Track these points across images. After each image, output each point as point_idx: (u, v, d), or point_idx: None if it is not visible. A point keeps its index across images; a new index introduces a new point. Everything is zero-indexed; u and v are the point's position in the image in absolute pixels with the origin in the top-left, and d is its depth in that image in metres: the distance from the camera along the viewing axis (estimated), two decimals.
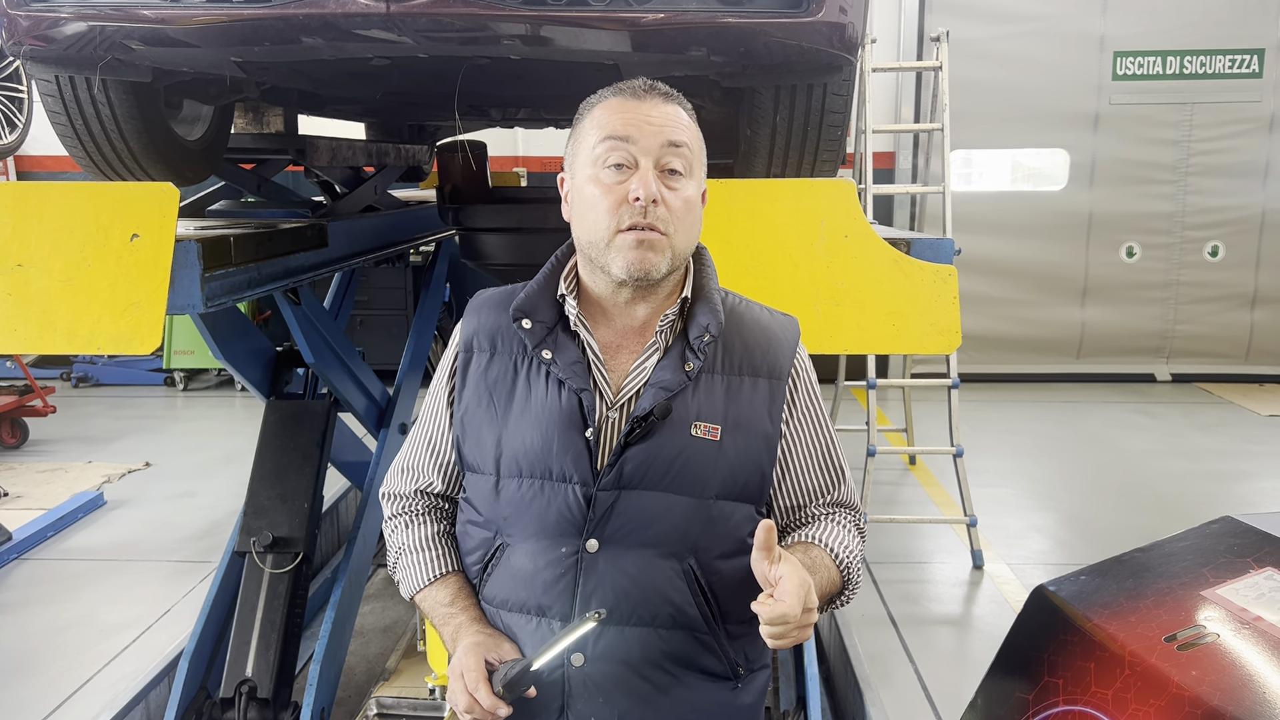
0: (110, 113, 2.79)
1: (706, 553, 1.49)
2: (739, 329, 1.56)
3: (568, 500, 1.47)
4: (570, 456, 1.47)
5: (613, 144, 1.44)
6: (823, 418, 1.62)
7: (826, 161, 2.79)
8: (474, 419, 1.56)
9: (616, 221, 1.43)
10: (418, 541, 1.64)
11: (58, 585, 4.62)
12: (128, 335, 2.22)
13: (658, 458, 1.47)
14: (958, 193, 7.76)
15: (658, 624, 1.48)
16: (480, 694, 1.41)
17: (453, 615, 1.56)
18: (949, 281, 2.22)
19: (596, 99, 1.51)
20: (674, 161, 1.45)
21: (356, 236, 3.77)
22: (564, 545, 1.48)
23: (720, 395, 1.51)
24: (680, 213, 1.46)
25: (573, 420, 1.48)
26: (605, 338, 1.54)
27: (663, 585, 1.47)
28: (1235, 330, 8.95)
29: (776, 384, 1.55)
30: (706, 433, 1.48)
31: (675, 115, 1.48)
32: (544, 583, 1.48)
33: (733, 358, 1.53)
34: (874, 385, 5.16)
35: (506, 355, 1.55)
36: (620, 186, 1.43)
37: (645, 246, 1.43)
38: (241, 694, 3.06)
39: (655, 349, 1.52)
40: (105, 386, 9.00)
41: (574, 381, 1.49)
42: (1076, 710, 1.58)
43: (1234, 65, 8.49)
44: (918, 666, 3.82)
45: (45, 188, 2.30)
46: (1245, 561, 1.67)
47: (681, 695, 1.51)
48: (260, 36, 2.25)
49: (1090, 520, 5.49)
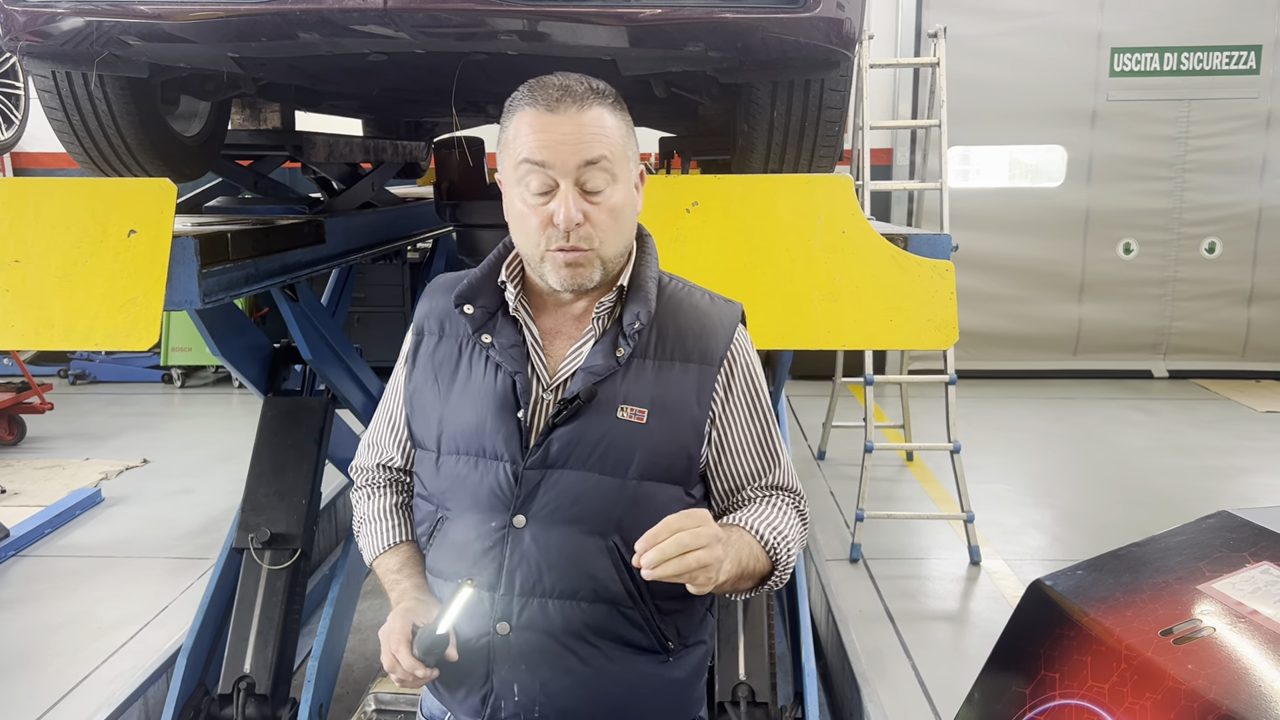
0: (107, 108, 2.79)
1: (631, 531, 1.50)
2: (675, 315, 1.59)
3: (498, 477, 1.54)
4: (502, 436, 1.54)
5: (530, 167, 1.45)
6: (760, 403, 1.65)
7: (824, 157, 2.79)
8: (421, 398, 1.63)
9: (545, 241, 1.47)
10: (376, 512, 1.73)
11: (56, 582, 4.61)
12: (125, 331, 2.22)
13: (583, 439, 1.52)
14: (955, 189, 7.76)
15: (580, 597, 1.53)
16: (401, 655, 1.48)
17: (397, 582, 1.64)
18: (946, 277, 2.23)
19: (516, 103, 1.49)
20: (594, 179, 1.45)
21: (354, 233, 3.77)
22: (494, 520, 1.54)
23: (650, 380, 1.55)
24: (606, 224, 1.48)
25: (506, 402, 1.54)
26: (545, 324, 1.60)
27: (585, 561, 1.52)
28: (1232, 326, 8.95)
29: (707, 369, 1.58)
30: (632, 415, 1.53)
31: (592, 124, 1.45)
32: (474, 554, 1.55)
33: (665, 343, 1.57)
34: (871, 381, 5.16)
35: (453, 338, 1.62)
36: (544, 208, 1.46)
37: (574, 265, 1.48)
38: (240, 690, 3.06)
39: (591, 335, 1.57)
40: (103, 384, 8.99)
41: (509, 365, 1.55)
42: (1073, 704, 1.58)
43: (1231, 61, 8.50)
44: (915, 662, 3.83)
45: (42, 183, 2.30)
46: (1241, 556, 1.68)
47: (604, 667, 1.56)
48: (257, 32, 2.25)
49: (1087, 516, 5.50)
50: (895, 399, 7.35)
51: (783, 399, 3.78)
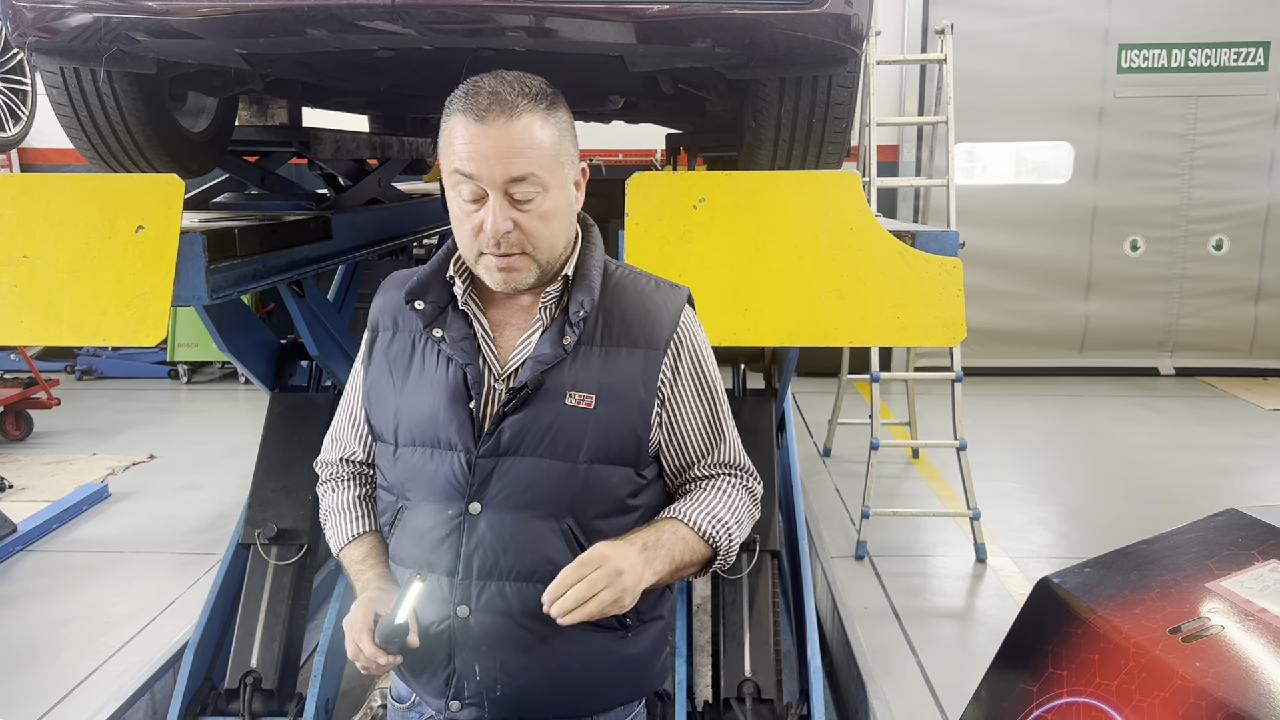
0: (115, 104, 2.79)
1: (584, 513, 1.59)
2: (620, 302, 1.63)
3: (453, 466, 1.58)
4: (455, 426, 1.58)
5: (460, 178, 1.48)
6: (708, 385, 1.69)
7: (831, 154, 2.79)
8: (378, 392, 1.68)
9: (478, 246, 1.51)
10: (340, 504, 1.78)
11: (63, 577, 4.62)
12: (133, 327, 2.22)
13: (533, 426, 1.56)
14: (961, 186, 7.74)
15: (536, 579, 1.55)
16: (363, 643, 1.52)
17: (361, 572, 1.68)
18: (954, 273, 2.22)
19: (452, 107, 1.50)
20: (522, 191, 1.47)
21: (360, 229, 3.78)
22: (450, 508, 1.59)
23: (596, 366, 1.59)
24: (538, 229, 1.51)
25: (458, 393, 1.59)
26: (494, 316, 1.65)
27: (540, 544, 1.57)
28: (1239, 324, 8.93)
29: (653, 354, 1.62)
30: (580, 401, 1.57)
31: (519, 137, 1.45)
32: (432, 542, 1.60)
33: (611, 330, 1.61)
34: (877, 379, 5.16)
35: (406, 332, 1.67)
36: (475, 216, 1.49)
37: (507, 269, 1.53)
38: (246, 685, 3.07)
39: (538, 325, 1.61)
40: (109, 379, 9.01)
41: (460, 357, 1.59)
42: (1081, 702, 1.58)
43: (1239, 58, 8.46)
44: (921, 659, 3.82)
45: (51, 179, 2.31)
46: (1250, 554, 1.67)
47: (563, 645, 1.60)
48: (265, 28, 2.25)
49: (1093, 514, 5.49)
50: (901, 396, 7.35)
51: (788, 396, 3.77)
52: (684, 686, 3.01)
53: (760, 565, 3.11)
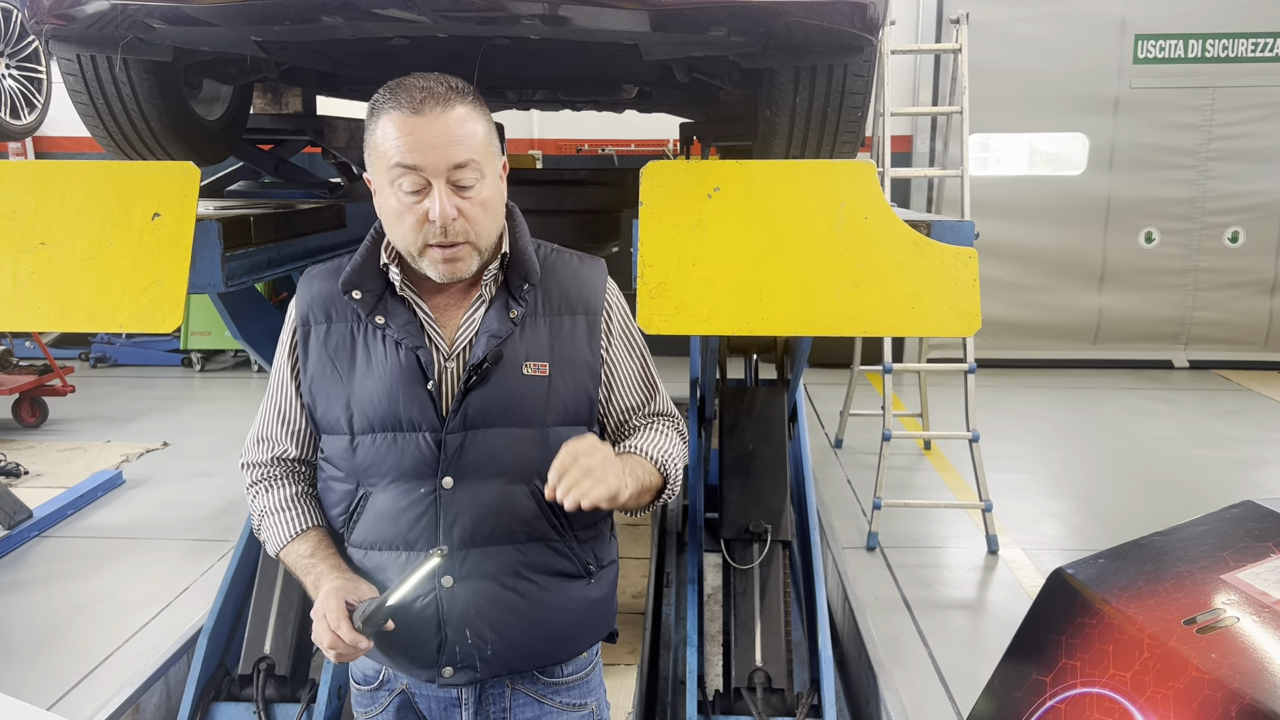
0: (131, 92, 2.80)
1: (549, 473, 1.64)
2: (554, 275, 1.74)
3: (420, 446, 1.64)
4: (416, 408, 1.63)
5: (402, 170, 1.53)
6: (636, 342, 1.82)
7: (846, 143, 2.78)
8: (321, 386, 1.70)
9: (422, 238, 1.57)
10: (278, 503, 1.78)
11: (78, 562, 4.66)
12: (149, 314, 2.23)
13: (496, 398, 1.64)
14: (975, 177, 7.71)
15: (514, 540, 1.67)
16: (342, 630, 1.55)
17: (313, 565, 1.70)
18: (969, 264, 2.21)
19: (382, 106, 1.56)
20: (464, 177, 1.55)
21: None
22: (422, 486, 1.65)
23: (544, 336, 1.69)
24: (479, 216, 1.59)
25: (413, 375, 1.64)
26: (432, 299, 1.70)
27: (514, 507, 1.66)
28: (1254, 317, 8.87)
29: (593, 319, 1.74)
30: (536, 370, 1.67)
31: (457, 126, 1.54)
32: (408, 520, 1.65)
33: (551, 301, 1.72)
34: (890, 370, 5.14)
35: (342, 323, 1.70)
36: (418, 207, 1.55)
37: (452, 260, 1.60)
38: (260, 671, 3.09)
39: (481, 302, 1.68)
40: (123, 367, 9.06)
41: (409, 340, 1.65)
42: (1094, 693, 1.58)
43: (1257, 49, 8.39)
44: (932, 650, 3.83)
45: (67, 166, 2.31)
46: (1266, 546, 1.67)
47: (542, 598, 1.71)
48: (281, 15, 2.26)
49: (1106, 506, 5.47)
50: (913, 387, 7.34)
51: (800, 387, 3.77)
52: (695, 675, 3.02)
53: (771, 555, 3.12)
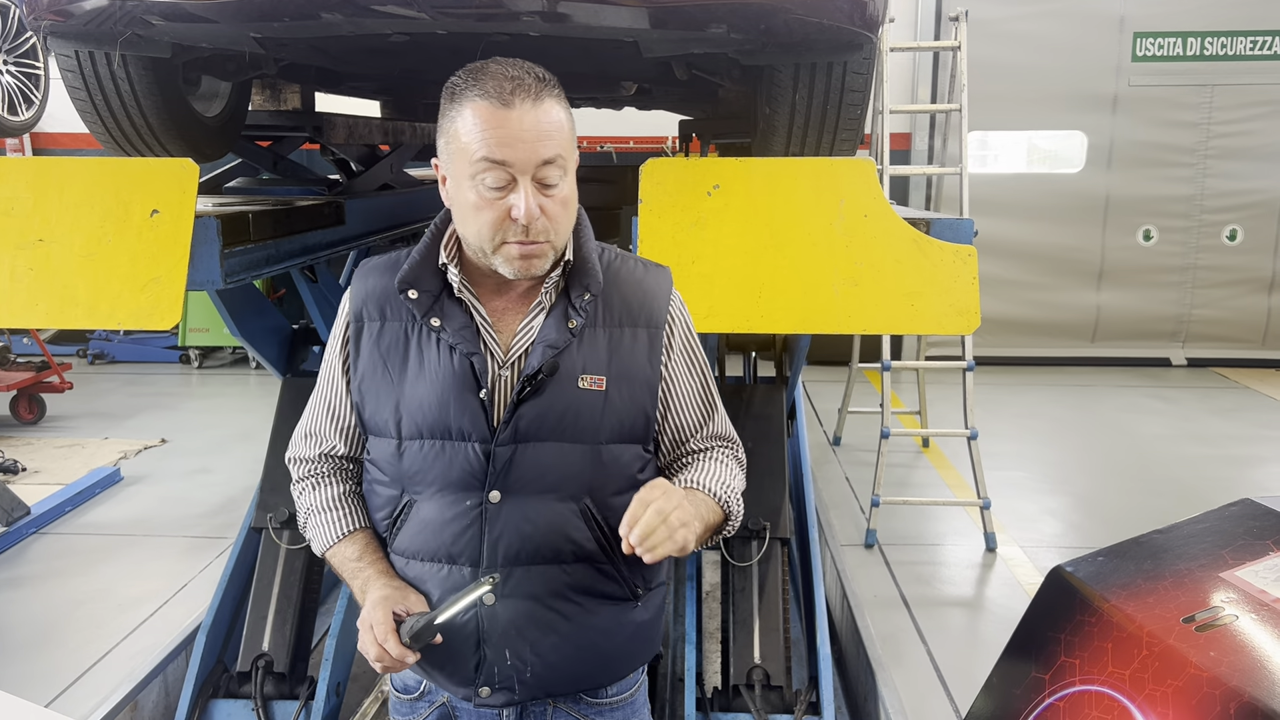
0: (130, 88, 2.80)
1: (600, 492, 1.61)
2: (616, 284, 1.65)
3: (468, 457, 1.57)
4: (467, 417, 1.57)
5: (488, 165, 1.45)
6: (698, 359, 1.74)
7: (845, 141, 2.78)
8: (371, 386, 1.64)
9: (501, 235, 1.50)
10: (325, 502, 1.73)
11: (76, 559, 4.65)
12: (148, 310, 2.23)
13: (550, 411, 1.57)
14: (974, 175, 7.70)
15: (561, 560, 1.60)
16: (389, 644, 1.51)
17: (361, 569, 1.66)
18: (969, 262, 2.21)
19: (465, 92, 1.47)
20: (549, 175, 1.48)
21: (372, 215, 3.78)
22: (468, 498, 1.58)
23: (603, 348, 1.61)
24: (560, 215, 1.52)
25: (466, 382, 1.57)
26: (491, 301, 1.63)
27: (562, 525, 1.59)
28: (1252, 315, 8.87)
29: (655, 332, 1.65)
30: (592, 384, 1.59)
31: (546, 119, 1.46)
32: (453, 533, 1.59)
33: (612, 312, 1.63)
34: (888, 367, 5.14)
35: (397, 322, 1.63)
36: (501, 203, 1.47)
37: (530, 256, 1.52)
38: (258, 668, 3.09)
39: (540, 309, 1.61)
40: (121, 364, 9.05)
41: (464, 346, 1.57)
42: (1093, 690, 1.58)
43: (1255, 47, 8.39)
44: (930, 648, 3.83)
45: (66, 163, 2.31)
46: (1264, 544, 1.67)
47: (586, 620, 1.64)
48: (279, 12, 2.25)
49: (1104, 504, 5.47)
50: (911, 385, 7.33)
51: (799, 384, 3.77)
52: (693, 672, 3.02)
53: (770, 553, 3.12)
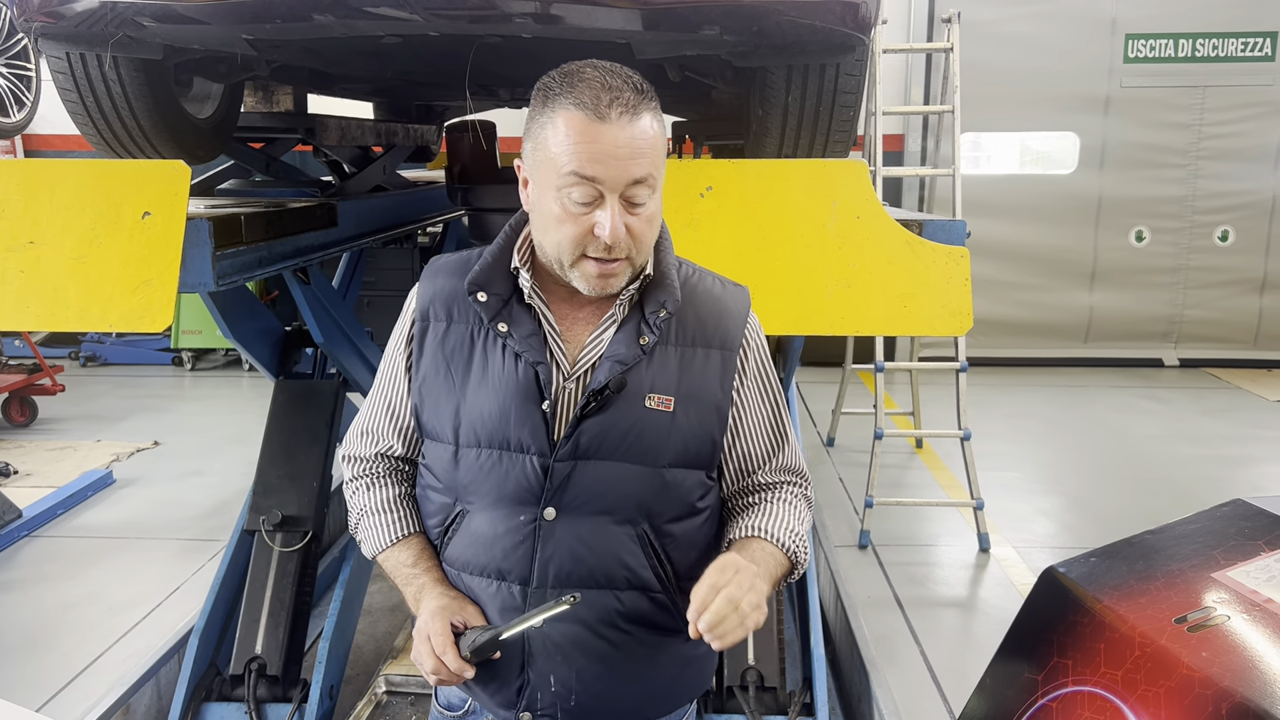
0: (121, 90, 2.79)
1: (659, 517, 1.54)
2: (692, 301, 1.58)
3: (525, 470, 1.51)
4: (528, 428, 1.50)
5: (576, 181, 1.38)
6: (771, 385, 1.66)
7: (838, 143, 2.78)
8: (432, 388, 1.57)
9: (581, 249, 1.44)
10: (380, 504, 1.68)
11: (68, 562, 4.64)
12: (139, 313, 2.22)
13: (613, 429, 1.50)
14: (967, 176, 7.71)
15: (613, 586, 1.53)
16: (448, 658, 1.47)
17: (415, 576, 1.61)
18: (961, 263, 2.22)
19: (559, 99, 1.39)
20: (638, 193, 1.42)
21: (365, 216, 3.77)
22: (522, 513, 1.52)
23: (674, 367, 1.54)
24: (644, 233, 1.46)
25: (529, 392, 1.50)
26: (561, 310, 1.57)
27: (618, 550, 1.52)
28: (1244, 315, 8.91)
29: (728, 355, 1.58)
30: (660, 404, 1.52)
31: (640, 138, 1.39)
32: (504, 549, 1.53)
33: (686, 330, 1.56)
34: (882, 368, 5.15)
35: (463, 324, 1.57)
36: (585, 218, 1.41)
37: (608, 275, 1.46)
38: (251, 671, 3.08)
39: (612, 322, 1.54)
40: (113, 366, 9.03)
41: (530, 354, 1.51)
42: (1086, 691, 1.58)
43: (1246, 48, 8.43)
44: (924, 648, 3.83)
45: (57, 164, 2.30)
46: (1256, 544, 1.67)
47: (636, 651, 1.57)
48: (271, 13, 2.25)
49: (1097, 504, 5.49)
50: (905, 386, 7.34)
51: (793, 385, 3.77)
52: None
53: None
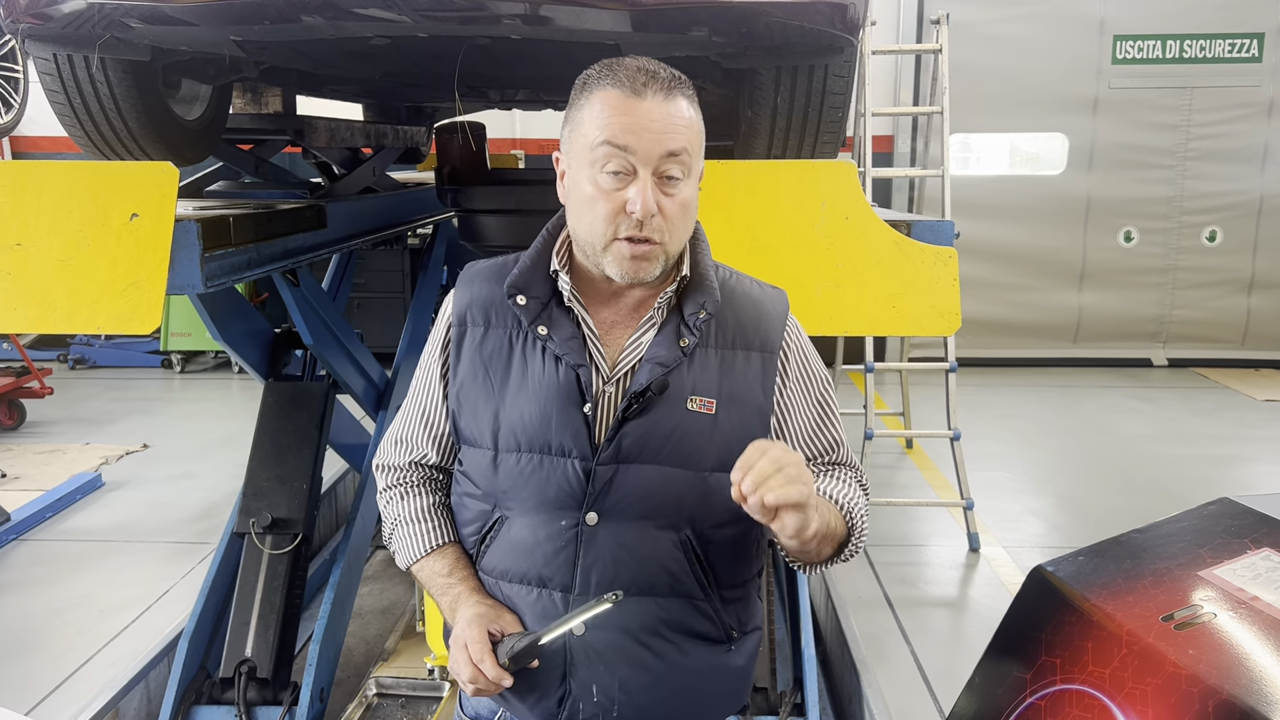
0: (109, 92, 2.78)
1: (702, 522, 1.52)
2: (731, 304, 1.57)
3: (567, 474, 1.49)
4: (569, 432, 1.48)
5: (611, 150, 1.40)
6: (817, 385, 1.64)
7: (827, 143, 2.79)
8: (470, 393, 1.56)
9: (614, 229, 1.43)
10: (414, 513, 1.66)
11: (57, 566, 4.62)
12: (128, 315, 2.22)
13: (655, 432, 1.48)
14: (956, 177, 7.73)
15: (656, 593, 1.51)
16: (486, 665, 1.45)
17: (451, 585, 1.59)
18: (949, 263, 2.22)
19: (596, 82, 1.44)
20: (673, 169, 1.42)
21: (355, 218, 3.76)
22: (564, 518, 1.50)
23: (714, 369, 1.52)
24: (676, 217, 1.45)
25: (571, 395, 1.49)
26: (600, 313, 1.55)
27: (660, 555, 1.50)
28: (1232, 315, 8.95)
29: (769, 357, 1.57)
30: (702, 407, 1.50)
31: (676, 114, 1.42)
32: (545, 555, 1.51)
33: (726, 332, 1.55)
34: (872, 369, 5.16)
35: (501, 329, 1.55)
36: (618, 194, 1.41)
37: (640, 258, 1.44)
38: (241, 674, 3.07)
39: (651, 324, 1.53)
40: (102, 368, 8.99)
41: (571, 357, 1.49)
42: (1074, 689, 1.59)
43: (1234, 50, 8.47)
44: (914, 648, 3.84)
45: (44, 166, 2.30)
46: (1243, 542, 1.68)
47: (678, 660, 1.55)
48: (260, 15, 2.25)
49: (1086, 504, 5.51)
50: (895, 386, 7.35)
51: None
52: None
53: None
